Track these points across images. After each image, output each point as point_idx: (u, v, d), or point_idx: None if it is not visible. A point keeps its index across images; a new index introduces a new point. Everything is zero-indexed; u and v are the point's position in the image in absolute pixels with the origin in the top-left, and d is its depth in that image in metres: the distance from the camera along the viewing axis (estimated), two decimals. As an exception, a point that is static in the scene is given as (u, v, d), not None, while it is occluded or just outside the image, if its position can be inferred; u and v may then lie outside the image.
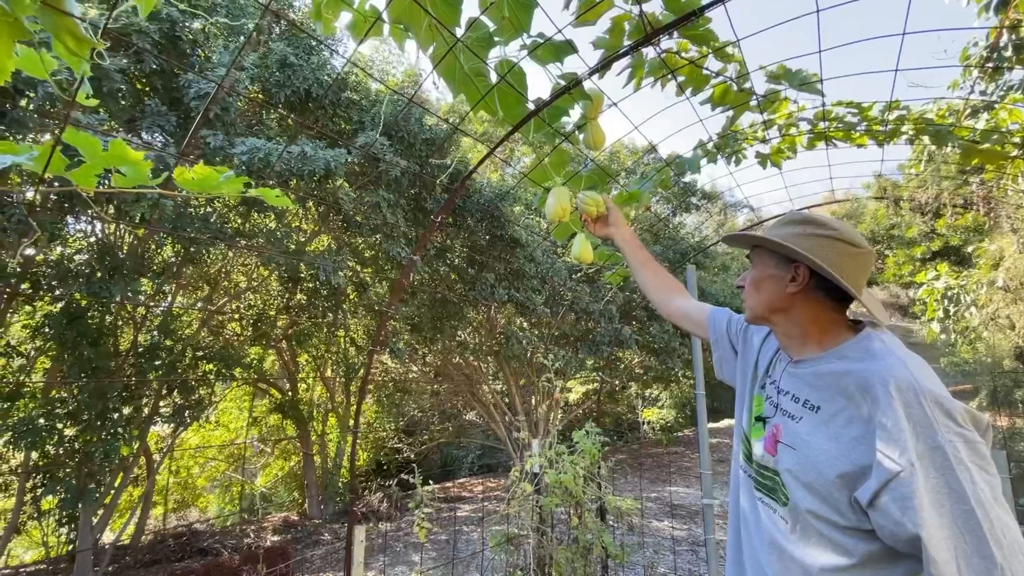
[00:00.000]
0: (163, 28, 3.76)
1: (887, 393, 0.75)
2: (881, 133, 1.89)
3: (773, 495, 0.92)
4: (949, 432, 0.72)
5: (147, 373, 5.62)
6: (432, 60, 1.27)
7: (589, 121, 1.59)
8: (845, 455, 0.78)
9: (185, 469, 9.98)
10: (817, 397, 0.86)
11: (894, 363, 0.79)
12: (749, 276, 0.99)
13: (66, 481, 4.99)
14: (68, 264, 4.47)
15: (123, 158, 0.99)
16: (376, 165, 4.50)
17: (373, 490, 8.78)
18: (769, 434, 0.95)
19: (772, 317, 0.96)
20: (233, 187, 1.15)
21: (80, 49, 0.82)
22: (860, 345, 0.86)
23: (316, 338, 7.84)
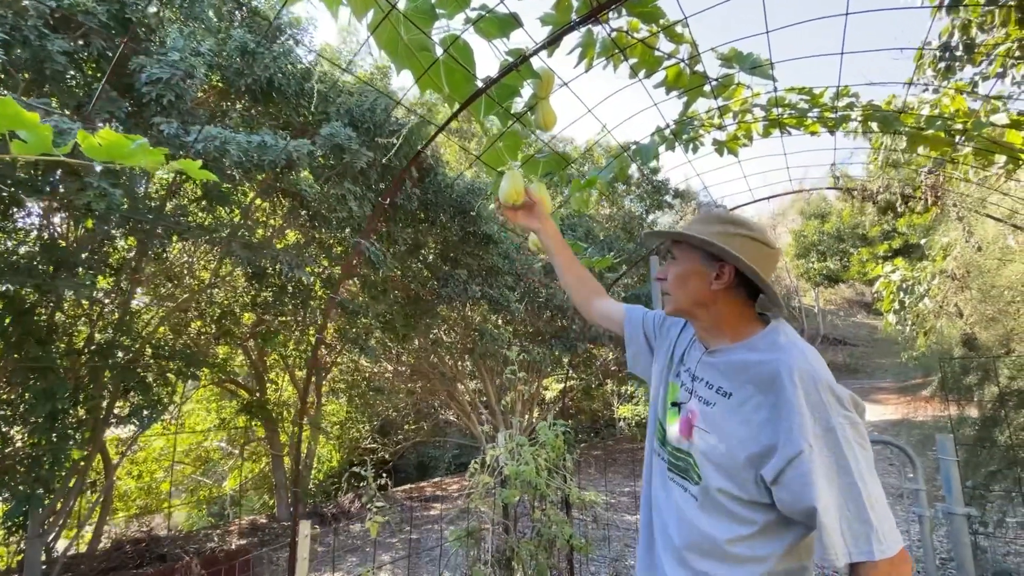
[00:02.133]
0: (111, 10, 3.60)
1: (792, 382, 0.83)
2: (831, 120, 1.92)
3: (685, 475, 0.98)
4: (839, 415, 0.81)
5: (101, 372, 5.38)
6: (369, 29, 1.22)
7: (540, 100, 1.56)
8: (754, 438, 0.86)
9: (148, 474, 9.64)
10: (729, 385, 0.94)
11: (796, 354, 0.88)
12: (673, 270, 1.03)
13: (11, 486, 4.74)
14: (10, 257, 4.24)
15: (17, 120, 0.91)
16: (342, 157, 4.40)
17: (344, 491, 8.62)
18: (684, 419, 1.00)
19: (694, 311, 1.01)
20: (150, 157, 1.08)
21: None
22: (768, 338, 0.94)
23: (284, 336, 7.65)
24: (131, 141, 1.04)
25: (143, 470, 9.49)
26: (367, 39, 1.23)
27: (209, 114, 4.85)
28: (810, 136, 2.01)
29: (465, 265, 6.83)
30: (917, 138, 1.88)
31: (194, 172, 1.15)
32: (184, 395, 8.64)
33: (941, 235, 4.92)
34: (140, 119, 4.09)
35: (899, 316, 4.67)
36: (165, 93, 3.65)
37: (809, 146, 2.31)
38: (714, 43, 1.63)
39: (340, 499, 8.18)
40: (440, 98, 1.44)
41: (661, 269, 1.07)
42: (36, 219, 5.32)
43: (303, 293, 6.61)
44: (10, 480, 4.90)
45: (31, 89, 3.84)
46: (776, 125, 1.98)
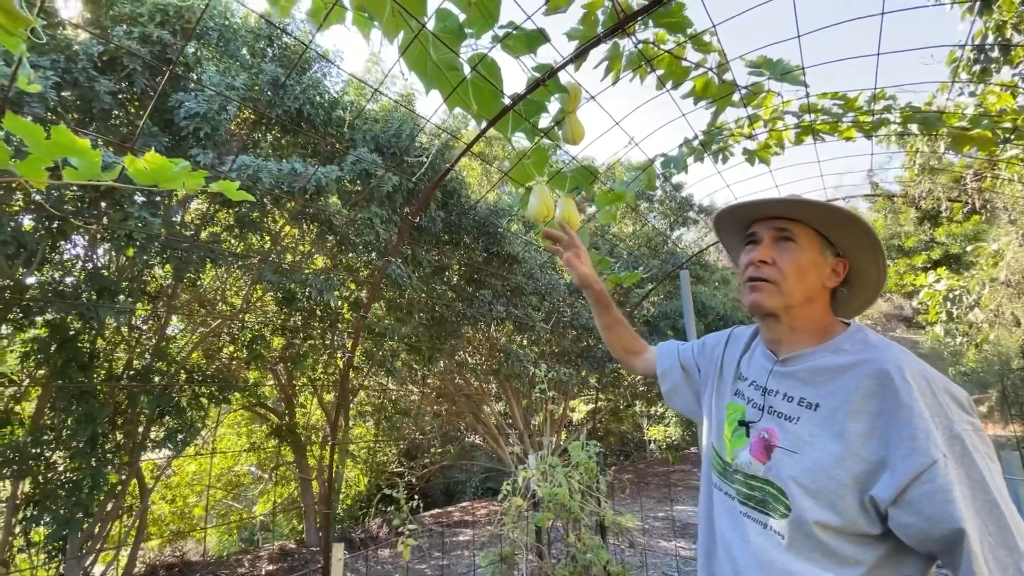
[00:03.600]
0: (154, 51, 3.81)
1: (904, 381, 0.71)
2: (868, 124, 1.86)
3: (764, 508, 0.82)
4: (962, 421, 0.69)
5: (138, 397, 5.53)
6: (399, 50, 1.24)
7: (567, 115, 1.56)
8: (854, 453, 0.72)
9: (181, 498, 9.78)
10: (815, 394, 0.80)
11: (899, 352, 0.76)
12: (791, 257, 0.85)
13: (53, 511, 4.86)
14: (56, 286, 4.44)
15: (69, 147, 0.95)
16: (368, 181, 4.50)
17: (372, 515, 8.57)
18: (756, 439, 0.86)
19: (798, 308, 0.85)
20: (191, 180, 1.11)
21: (14, 27, 0.78)
22: (856, 337, 0.82)
23: (313, 360, 7.75)
24: (174, 164, 1.07)
25: (176, 494, 9.64)
26: (397, 59, 1.25)
27: (242, 144, 5.05)
28: (845, 142, 1.96)
29: (489, 286, 6.84)
30: (962, 138, 1.80)
31: (232, 193, 1.18)
32: (216, 419, 8.79)
33: (991, 241, 4.66)
34: (178, 151, 4.28)
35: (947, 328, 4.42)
36: (202, 126, 3.82)
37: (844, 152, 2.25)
38: (743, 51, 1.61)
39: (368, 524, 8.12)
40: (464, 122, 1.45)
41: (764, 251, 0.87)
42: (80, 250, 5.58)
43: (331, 316, 6.71)
44: (51, 504, 5.03)
45: (79, 127, 4.07)
46: (809, 132, 1.93)
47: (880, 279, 0.87)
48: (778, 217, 0.87)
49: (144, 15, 3.67)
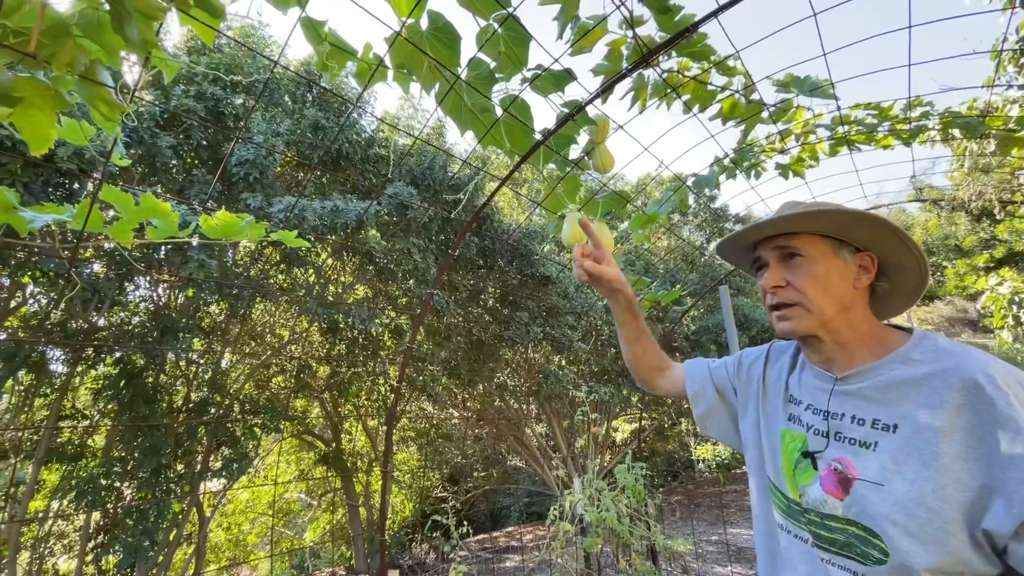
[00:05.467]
0: (207, 106, 4.12)
1: (998, 389, 0.62)
2: (906, 132, 1.83)
3: (851, 553, 0.70)
4: None
5: (197, 429, 5.81)
6: (436, 100, 1.33)
7: (597, 145, 1.61)
8: (955, 480, 0.62)
9: (236, 526, 10.10)
10: (889, 414, 0.69)
11: (983, 357, 0.67)
12: (805, 271, 0.76)
13: (123, 539, 5.13)
14: (125, 327, 4.77)
15: (154, 210, 1.08)
16: (405, 213, 4.67)
17: (419, 541, 8.58)
18: (828, 472, 0.74)
19: (835, 322, 0.76)
20: (255, 232, 1.22)
21: (112, 114, 0.91)
22: (924, 345, 0.72)
23: (357, 387, 7.96)
24: (240, 219, 1.18)
25: (231, 522, 9.96)
26: (435, 110, 1.34)
27: (286, 185, 5.36)
28: (883, 150, 1.92)
29: (525, 307, 6.89)
30: (1008, 140, 1.74)
31: (290, 241, 1.28)
32: (267, 448, 9.09)
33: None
34: (230, 195, 4.58)
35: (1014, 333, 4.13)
36: (251, 171, 4.08)
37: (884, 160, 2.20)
38: (769, 69, 1.63)
39: (415, 550, 8.14)
40: (494, 150, 1.53)
41: (772, 276, 0.79)
42: (142, 291, 5.99)
43: (373, 344, 6.91)
44: (120, 533, 5.31)
45: (143, 179, 4.43)
46: (843, 143, 1.91)
47: (921, 263, 0.77)
48: (776, 236, 0.80)
49: (198, 74, 4.00)
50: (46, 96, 0.87)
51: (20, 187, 2.82)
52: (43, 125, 0.88)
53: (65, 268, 3.16)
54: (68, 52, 0.83)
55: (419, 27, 1.17)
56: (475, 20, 1.20)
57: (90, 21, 0.84)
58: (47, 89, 0.86)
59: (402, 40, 1.15)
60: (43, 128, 0.88)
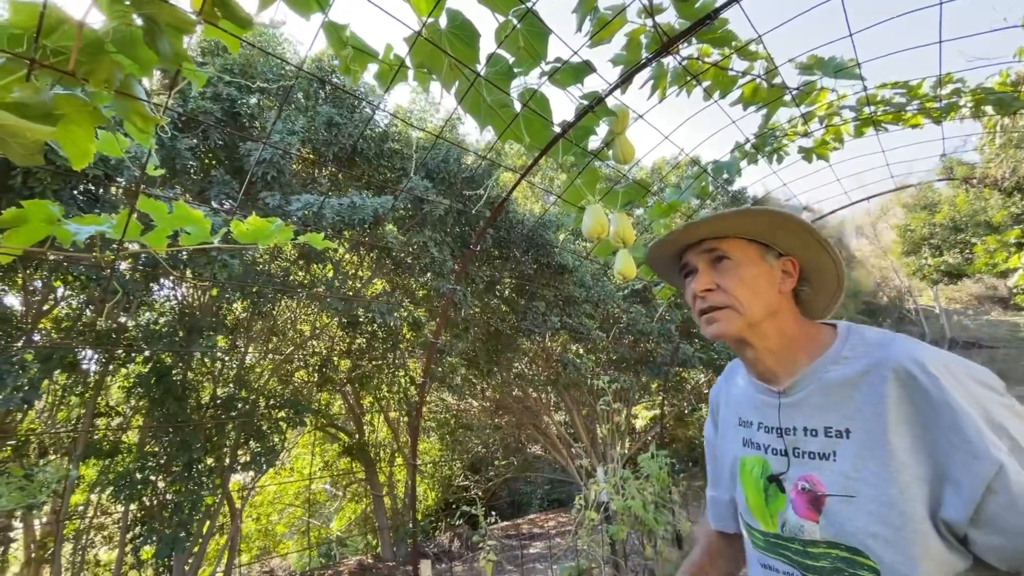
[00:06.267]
0: (224, 107, 4.17)
1: (929, 375, 0.60)
2: (936, 110, 1.77)
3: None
4: (999, 406, 0.60)
5: (225, 424, 5.97)
6: (456, 98, 1.33)
7: (617, 136, 1.60)
8: (913, 476, 0.60)
9: (265, 517, 10.40)
10: (839, 418, 0.67)
11: (909, 343, 0.66)
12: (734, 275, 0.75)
13: (160, 531, 5.33)
14: (153, 327, 4.90)
15: (187, 218, 1.11)
16: (421, 207, 4.69)
17: (443, 530, 8.74)
18: (797, 494, 0.70)
19: (764, 326, 0.74)
20: (283, 235, 1.24)
21: (147, 127, 0.93)
22: (852, 340, 0.71)
23: (378, 379, 8.08)
24: (271, 224, 1.21)
25: (260, 513, 10.26)
26: (455, 108, 1.34)
27: (302, 183, 5.41)
28: (911, 129, 1.87)
29: (542, 297, 6.90)
30: (1045, 116, 1.68)
31: (317, 243, 1.30)
32: (292, 441, 9.31)
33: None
34: (248, 195, 4.64)
35: (1048, 312, 3.98)
36: (269, 171, 4.13)
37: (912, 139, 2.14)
38: (792, 53, 1.59)
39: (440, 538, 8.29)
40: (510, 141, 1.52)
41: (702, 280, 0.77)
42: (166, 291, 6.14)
43: (392, 337, 6.99)
44: (157, 525, 5.52)
45: (164, 182, 4.51)
46: (870, 124, 1.86)
47: (838, 266, 0.77)
48: (704, 240, 0.79)
49: (214, 76, 4.04)
50: (84, 112, 0.89)
51: (51, 195, 2.90)
52: (83, 140, 0.91)
53: (95, 272, 3.26)
54: (104, 68, 0.85)
55: (438, 26, 1.17)
56: (494, 16, 1.20)
57: (123, 37, 0.86)
58: (85, 105, 0.88)
59: (422, 40, 1.15)
60: (83, 143, 0.91)
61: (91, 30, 0.82)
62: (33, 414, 5.69)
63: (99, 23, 0.84)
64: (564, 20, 1.38)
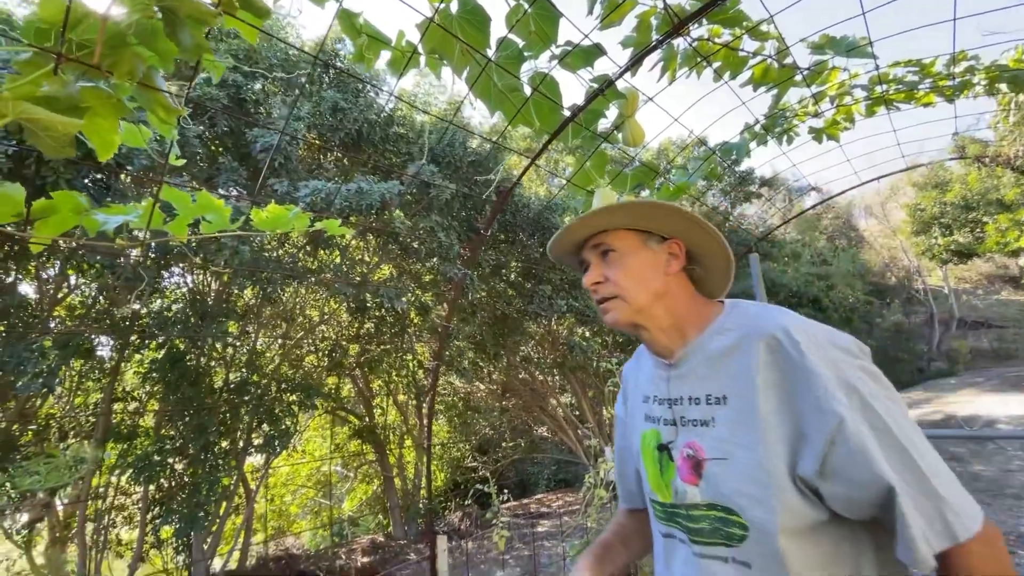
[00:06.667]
0: (230, 93, 4.17)
1: (792, 341, 0.66)
2: (949, 88, 1.76)
3: (716, 538, 0.70)
4: (853, 368, 0.64)
5: (239, 408, 6.09)
6: (468, 83, 1.34)
7: (626, 119, 1.60)
8: (777, 436, 0.64)
9: (279, 497, 10.64)
10: (718, 386, 0.72)
11: (779, 314, 0.71)
12: (619, 266, 0.80)
13: (179, 511, 5.48)
14: (166, 314, 4.97)
15: (209, 207, 1.13)
16: (427, 191, 4.70)
17: (452, 509, 8.92)
18: (682, 460, 0.75)
19: (654, 308, 0.79)
20: (301, 222, 1.27)
21: (169, 118, 0.95)
22: (735, 313, 0.77)
23: (386, 363, 8.17)
24: (288, 211, 1.23)
25: (274, 494, 10.50)
26: (467, 94, 1.35)
27: (308, 169, 5.42)
28: (923, 108, 1.85)
29: (548, 280, 6.91)
30: (1060, 93, 1.65)
31: (334, 229, 1.33)
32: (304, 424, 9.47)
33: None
34: (254, 180, 4.66)
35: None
36: (276, 157, 4.14)
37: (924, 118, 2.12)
38: (803, 32, 1.58)
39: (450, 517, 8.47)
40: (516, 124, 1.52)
41: (592, 274, 0.82)
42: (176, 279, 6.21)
43: (400, 322, 7.06)
44: (176, 505, 5.68)
45: (172, 170, 4.53)
46: (881, 103, 1.85)
47: (720, 245, 0.80)
48: (592, 237, 0.83)
49: (230, 66, 4.03)
50: (108, 104, 0.91)
51: (63, 183, 2.94)
52: (108, 132, 0.93)
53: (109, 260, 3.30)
54: (128, 61, 0.87)
55: (449, 11, 1.18)
56: (504, 0, 1.20)
57: (145, 29, 0.88)
58: (109, 97, 0.90)
59: (434, 26, 1.16)
60: (108, 135, 0.93)
61: (114, 23, 0.84)
62: (52, 399, 5.83)
63: (121, 15, 0.86)
64: (574, 3, 1.37)
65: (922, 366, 19.38)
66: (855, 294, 13.76)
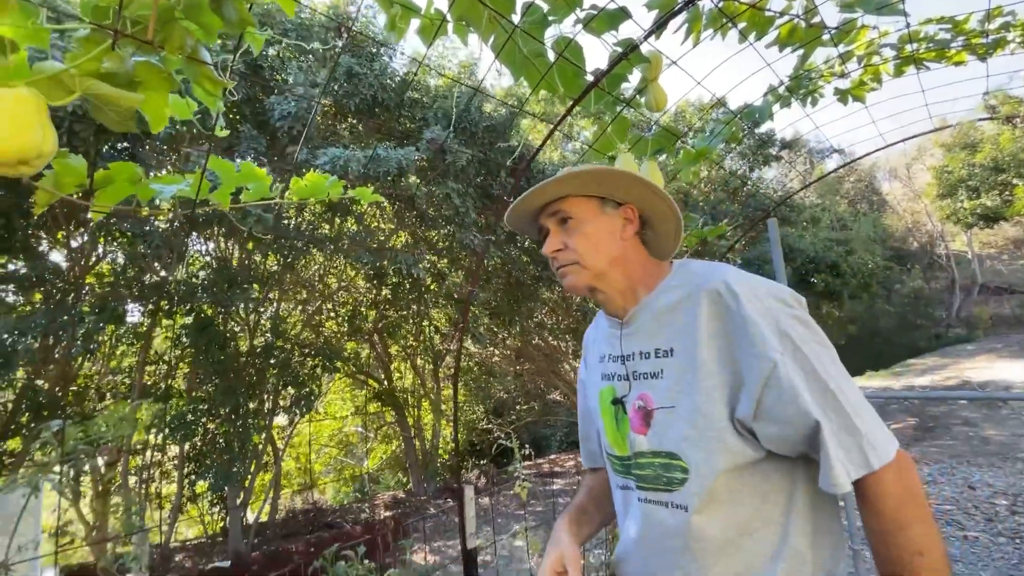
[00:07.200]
0: (246, 60, 4.16)
1: (732, 293, 0.70)
2: (982, 46, 1.71)
3: (659, 484, 0.75)
4: (787, 317, 0.69)
5: (265, 371, 6.33)
6: (494, 50, 1.35)
7: (649, 83, 1.60)
8: (717, 383, 0.70)
9: (304, 456, 11.15)
10: (665, 340, 0.77)
11: (722, 269, 0.76)
12: (577, 233, 0.82)
13: (213, 467, 5.80)
14: (193, 281, 5.12)
15: (251, 176, 1.19)
16: (443, 158, 4.70)
17: (469, 468, 9.27)
18: (634, 412, 0.80)
19: (611, 273, 0.82)
20: (335, 190, 1.33)
21: (215, 90, 1.00)
22: (681, 272, 0.82)
23: (404, 329, 8.35)
24: (325, 179, 1.29)
25: (300, 453, 10.99)
26: (494, 60, 1.37)
27: (323, 136, 5.42)
28: (954, 67, 1.81)
29: (564, 247, 6.92)
30: (1099, 49, 1.60)
31: (366, 197, 1.39)
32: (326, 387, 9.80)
33: None
34: (275, 150, 4.70)
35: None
36: (294, 125, 4.16)
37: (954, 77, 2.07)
38: (832, -11, 1.54)
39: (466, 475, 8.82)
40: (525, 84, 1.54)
41: (552, 242, 0.84)
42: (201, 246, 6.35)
43: (417, 288, 7.18)
44: (210, 462, 6.00)
45: (194, 140, 4.59)
46: (911, 62, 1.81)
47: (671, 208, 0.83)
48: (549, 204, 0.84)
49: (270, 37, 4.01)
50: (160, 78, 0.96)
51: (94, 154, 3.02)
52: (159, 105, 0.99)
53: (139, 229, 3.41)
54: (178, 36, 0.91)
55: (477, -23, 1.19)
56: (531, -36, 1.20)
57: (192, 4, 0.92)
58: (160, 72, 0.96)
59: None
60: (159, 108, 0.99)
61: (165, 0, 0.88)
62: (89, 363, 6.11)
63: (171, -8, 0.89)
64: (599, -36, 1.36)
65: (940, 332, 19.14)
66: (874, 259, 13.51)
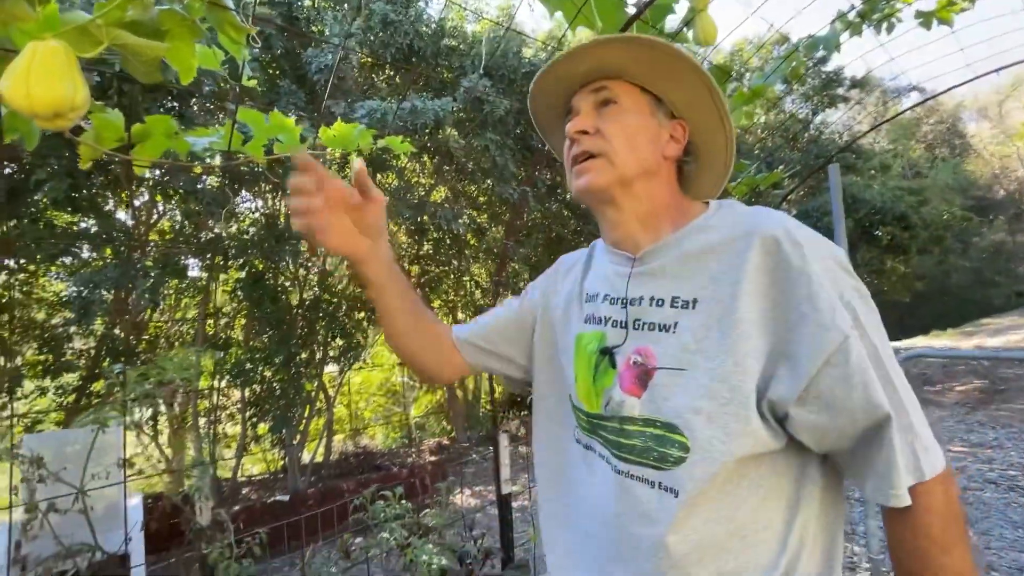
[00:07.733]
0: (282, 12, 4.12)
1: (795, 243, 0.56)
2: (1107, -50, 1.44)
3: (647, 458, 0.61)
4: (849, 287, 0.56)
5: (314, 323, 6.64)
6: (526, -19, 1.26)
7: (698, 14, 1.45)
8: (753, 349, 0.56)
9: (353, 403, 11.83)
10: (689, 288, 0.61)
11: (779, 216, 0.60)
12: (616, 120, 0.67)
13: (271, 412, 6.25)
14: (244, 237, 5.34)
15: (281, 127, 1.18)
16: (481, 108, 4.57)
17: (510, 418, 9.57)
18: (626, 368, 0.65)
19: (635, 185, 0.67)
20: (365, 139, 1.31)
21: (239, 37, 0.98)
22: (723, 211, 0.66)
23: (445, 283, 8.49)
24: (354, 128, 1.26)
25: (350, 400, 11.66)
26: None
27: (360, 88, 5.38)
28: (1068, -21, 1.54)
29: (606, 200, 6.74)
30: None
31: (397, 147, 1.36)
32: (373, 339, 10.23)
33: None
34: (313, 104, 4.71)
35: None
36: (331, 77, 4.14)
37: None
38: None
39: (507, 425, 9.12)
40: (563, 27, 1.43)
41: (583, 119, 0.68)
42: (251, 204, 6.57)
43: (457, 243, 7.22)
44: (269, 407, 6.46)
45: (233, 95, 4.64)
46: (1013, -25, 1.56)
47: (730, 144, 0.70)
48: (594, 80, 0.69)
49: None
50: (185, 27, 0.94)
51: (142, 111, 3.12)
52: (187, 55, 0.97)
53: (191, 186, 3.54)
54: (199, -20, 0.89)
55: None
56: None
57: (209, -56, 0.88)
58: (184, 20, 0.94)
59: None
60: (187, 58, 0.98)
61: (183, -59, 0.85)
62: (157, 314, 6.59)
63: (187, -69, 0.86)
64: None
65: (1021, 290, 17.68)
66: (951, 210, 12.39)
